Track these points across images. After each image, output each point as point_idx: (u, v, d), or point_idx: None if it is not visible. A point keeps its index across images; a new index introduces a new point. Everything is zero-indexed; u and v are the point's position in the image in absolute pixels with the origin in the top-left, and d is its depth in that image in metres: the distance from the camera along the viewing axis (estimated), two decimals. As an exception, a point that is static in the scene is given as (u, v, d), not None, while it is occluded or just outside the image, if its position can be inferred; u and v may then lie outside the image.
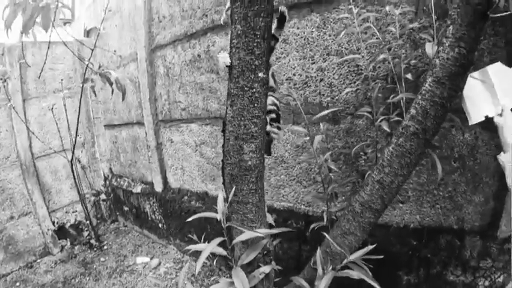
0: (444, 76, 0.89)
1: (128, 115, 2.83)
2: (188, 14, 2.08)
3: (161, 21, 2.29)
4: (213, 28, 1.93)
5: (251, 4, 0.90)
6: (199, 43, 2.02)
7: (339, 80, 1.55)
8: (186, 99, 2.18)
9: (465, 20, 0.88)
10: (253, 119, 0.95)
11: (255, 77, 0.93)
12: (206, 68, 2.01)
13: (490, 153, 1.28)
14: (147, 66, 2.41)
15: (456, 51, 0.88)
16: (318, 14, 1.60)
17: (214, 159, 2.15)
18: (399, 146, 0.96)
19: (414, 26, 1.28)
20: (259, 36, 0.91)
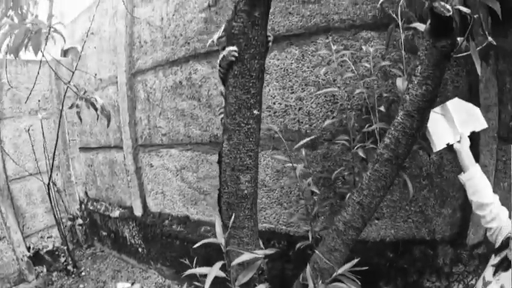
0: (414, 110, 0.99)
1: (105, 138, 2.70)
2: (170, 40, 2.05)
3: (142, 46, 2.24)
4: (195, 56, 1.91)
5: (247, 47, 0.96)
6: (180, 70, 1.99)
7: (316, 109, 1.60)
8: (167, 124, 2.12)
9: (431, 60, 0.97)
10: (249, 152, 1.02)
11: (250, 114, 1.00)
12: (188, 95, 1.97)
13: (454, 170, 1.41)
14: (127, 90, 2.33)
15: (424, 89, 0.98)
16: (297, 47, 1.63)
17: (195, 183, 2.09)
18: (375, 171, 1.05)
19: (387, 64, 1.34)
20: (255, 77, 0.98)
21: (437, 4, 0.94)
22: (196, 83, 1.92)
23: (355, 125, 1.40)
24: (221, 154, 1.05)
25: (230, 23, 0.99)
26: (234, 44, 0.97)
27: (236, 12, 0.97)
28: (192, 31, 1.92)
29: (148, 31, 2.17)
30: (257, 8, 0.96)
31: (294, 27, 1.62)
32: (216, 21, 1.82)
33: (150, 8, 2.17)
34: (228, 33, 0.99)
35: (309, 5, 1.56)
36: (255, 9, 0.96)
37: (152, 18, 2.13)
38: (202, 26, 1.87)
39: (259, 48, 0.98)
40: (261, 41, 0.98)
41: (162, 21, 2.08)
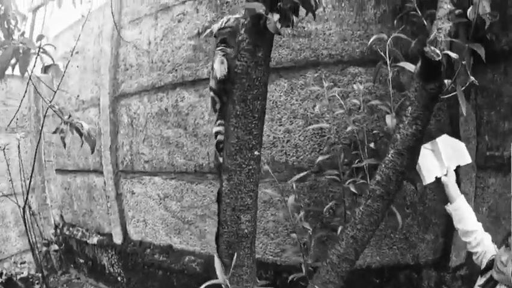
0: (404, 149, 1.03)
1: (84, 162, 2.54)
2: (157, 66, 1.97)
3: (127, 69, 2.14)
4: (183, 83, 1.83)
5: (250, 88, 0.96)
6: (167, 97, 1.90)
7: (304, 142, 1.59)
8: (151, 151, 2.01)
9: (421, 102, 1.01)
10: (249, 193, 1.01)
11: (251, 155, 0.99)
12: (173, 123, 1.88)
13: (436, 198, 1.46)
14: (110, 113, 2.20)
15: (414, 128, 1.02)
16: (287, 80, 1.60)
17: (179, 213, 1.98)
18: (368, 206, 1.08)
19: (377, 103, 1.34)
20: (257, 118, 0.98)
21: (428, 49, 0.99)
22: (182, 111, 1.83)
23: (345, 160, 1.39)
24: (221, 194, 1.03)
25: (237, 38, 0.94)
26: (237, 83, 0.95)
27: (239, 50, 0.95)
28: (180, 58, 1.85)
29: (134, 54, 2.08)
30: (261, 48, 0.95)
31: (283, 60, 1.59)
32: (205, 49, 1.76)
33: (137, 30, 2.09)
34: (232, 71, 0.98)
35: (299, 39, 1.55)
36: (259, 49, 0.95)
37: (139, 42, 2.05)
38: (190, 54, 1.81)
39: (263, 89, 0.97)
40: (264, 82, 0.97)
41: (149, 46, 2.00)
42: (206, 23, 1.75)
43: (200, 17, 1.78)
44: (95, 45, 2.40)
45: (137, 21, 2.09)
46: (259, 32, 0.93)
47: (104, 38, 2.29)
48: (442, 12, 1.18)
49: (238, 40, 0.97)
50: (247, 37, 0.94)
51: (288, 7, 0.95)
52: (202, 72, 1.75)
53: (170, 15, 1.91)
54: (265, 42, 0.96)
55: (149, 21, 2.02)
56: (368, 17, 1.49)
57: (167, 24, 1.92)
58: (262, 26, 0.91)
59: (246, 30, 0.94)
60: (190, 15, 1.82)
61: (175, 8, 1.89)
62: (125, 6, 2.18)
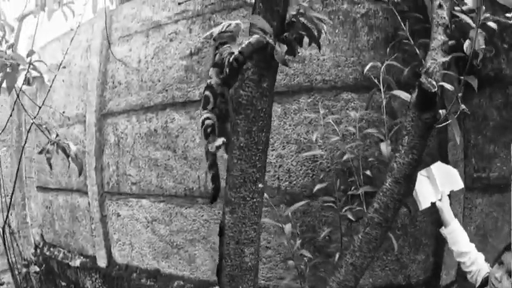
0: (401, 177, 1.05)
1: (67, 180, 2.40)
2: (147, 85, 1.88)
3: (116, 87, 2.05)
4: (173, 104, 1.76)
5: (255, 120, 0.93)
6: (156, 117, 1.82)
7: (296, 167, 1.56)
8: (138, 173, 1.91)
9: (417, 132, 1.04)
10: (253, 225, 0.99)
11: (255, 188, 0.97)
12: (162, 144, 1.80)
13: (426, 220, 1.49)
14: (96, 132, 2.09)
15: (410, 157, 1.04)
16: (280, 105, 1.56)
17: (168, 237, 1.88)
18: (366, 233, 1.08)
19: (373, 132, 1.34)
20: (261, 150, 0.95)
21: (425, 81, 1.01)
22: (172, 133, 1.75)
23: (341, 187, 1.39)
24: (223, 227, 1.01)
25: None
26: (241, 114, 0.93)
27: (244, 80, 0.92)
28: (171, 78, 1.77)
29: (124, 72, 2.00)
30: (266, 78, 0.94)
31: (277, 84, 1.51)
32: (197, 70, 1.70)
33: (127, 47, 2.01)
34: (236, 101, 0.95)
35: (293, 64, 1.51)
36: (264, 79, 0.93)
37: (129, 59, 1.97)
38: (182, 74, 1.74)
39: (267, 121, 0.96)
40: (268, 113, 0.96)
41: (139, 64, 1.92)
42: (199, 43, 1.69)
43: (193, 37, 1.72)
44: (82, 60, 2.30)
45: (128, 38, 2.02)
46: (264, 61, 0.92)
47: (92, 53, 2.20)
48: (436, 43, 1.21)
49: (242, 68, 0.94)
50: (252, 66, 0.92)
51: (294, 37, 0.95)
52: (194, 94, 1.69)
53: (162, 34, 1.85)
54: (270, 72, 0.95)
55: (140, 38, 1.95)
56: (361, 43, 1.51)
57: (158, 42, 1.85)
58: (269, 56, 0.90)
59: (250, 59, 0.91)
60: (183, 34, 1.77)
61: (167, 27, 1.83)
62: (115, 21, 2.11)
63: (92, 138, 2.11)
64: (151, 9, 1.93)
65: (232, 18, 1.61)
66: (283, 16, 0.96)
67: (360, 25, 1.50)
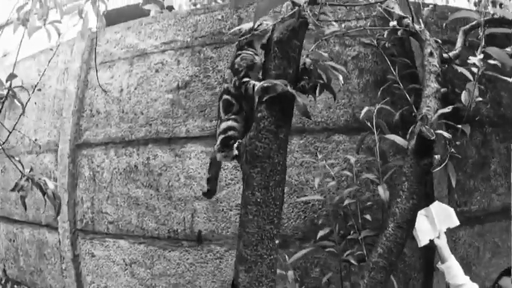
0: (403, 222, 1.07)
1: (35, 213, 2.14)
2: (128, 117, 1.72)
3: (94, 116, 1.87)
4: (157, 140, 1.61)
5: (273, 174, 0.88)
6: (137, 153, 1.65)
7: (288, 209, 1.48)
8: (116, 212, 1.72)
9: (416, 177, 1.08)
10: (270, 283, 0.95)
11: (273, 245, 0.92)
12: (143, 182, 1.63)
13: (415, 255, 1.50)
14: (69, 163, 1.88)
15: (411, 203, 1.08)
16: (272, 146, 1.47)
17: (149, 280, 1.69)
18: (372, 278, 1.08)
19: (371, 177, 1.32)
20: (278, 206, 0.91)
21: (424, 129, 1.06)
22: (154, 171, 1.60)
23: (340, 232, 1.36)
24: (237, 286, 0.94)
25: (256, 127, 0.87)
26: (257, 167, 0.88)
27: (260, 130, 0.87)
28: (155, 111, 1.63)
29: (103, 100, 1.83)
30: (283, 129, 0.90)
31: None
32: (184, 105, 1.57)
33: (109, 74, 1.84)
34: (251, 153, 0.89)
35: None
36: (281, 130, 0.90)
37: (110, 87, 1.80)
38: (167, 108, 1.60)
39: (284, 174, 0.92)
40: (284, 166, 0.92)
41: (121, 93, 1.76)
42: (187, 77, 1.58)
43: (180, 70, 1.60)
44: (58, 83, 2.09)
45: (110, 64, 1.86)
46: (282, 111, 0.88)
47: (70, 76, 2.00)
48: (430, 90, 1.24)
49: (257, 117, 0.89)
50: (269, 115, 0.87)
51: (310, 86, 0.93)
52: (180, 130, 1.56)
53: (147, 63, 1.71)
54: (286, 122, 0.92)
55: (124, 66, 1.80)
56: (352, 86, 1.49)
57: (143, 72, 1.71)
58: (287, 106, 0.87)
59: (266, 107, 0.87)
60: (170, 66, 1.64)
61: (154, 56, 1.70)
62: (98, 45, 1.95)
63: (65, 170, 1.90)
64: (136, 35, 1.79)
65: (224, 53, 1.53)
66: (298, 62, 0.93)
67: (351, 67, 1.49)
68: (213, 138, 1.53)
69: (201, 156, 1.50)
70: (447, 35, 1.63)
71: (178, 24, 1.65)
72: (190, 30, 1.62)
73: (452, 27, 1.65)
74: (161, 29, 1.70)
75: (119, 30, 1.87)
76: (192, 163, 1.52)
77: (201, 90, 1.53)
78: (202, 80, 1.55)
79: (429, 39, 1.39)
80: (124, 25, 1.86)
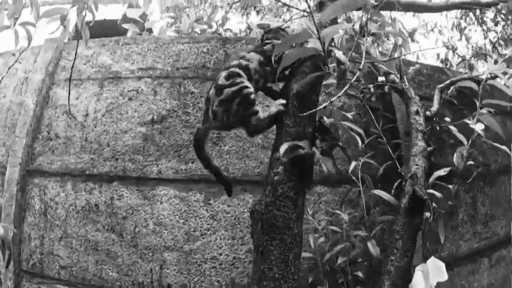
0: (398, 279, 1.06)
1: (-28, 246, 1.78)
2: (92, 147, 1.48)
3: (51, 140, 1.59)
4: (123, 178, 1.38)
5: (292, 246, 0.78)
6: (99, 190, 1.41)
7: None
8: (70, 255, 1.45)
9: (409, 235, 1.09)
10: None
11: None
12: (105, 225, 1.39)
13: None
14: (17, 192, 1.58)
15: (405, 260, 1.08)
16: (252, 195, 1.31)
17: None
18: None
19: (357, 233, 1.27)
20: (296, 280, 0.81)
21: (417, 189, 1.08)
22: (119, 213, 1.37)
23: None
24: None
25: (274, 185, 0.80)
26: (276, 239, 0.79)
27: (277, 196, 0.78)
28: (124, 145, 1.41)
29: (65, 123, 1.56)
30: (301, 195, 0.82)
31: (250, 172, 1.31)
32: (158, 142, 1.37)
33: (75, 94, 1.58)
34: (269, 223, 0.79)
35: (268, 151, 1.30)
36: (300, 196, 0.82)
37: (73, 109, 1.54)
38: (139, 143, 1.39)
39: (300, 246, 0.83)
40: (301, 237, 0.83)
41: (86, 118, 1.51)
42: (164, 110, 1.38)
43: (157, 102, 1.40)
44: (15, 94, 1.77)
45: (77, 83, 1.60)
46: (301, 173, 0.81)
47: (29, 89, 1.69)
48: (417, 149, 1.27)
49: (273, 180, 0.80)
50: (288, 180, 0.79)
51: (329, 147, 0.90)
52: (151, 170, 1.35)
53: (120, 88, 1.49)
54: (305, 187, 0.84)
55: (92, 87, 1.55)
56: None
57: (114, 98, 1.48)
58: (307, 168, 0.81)
59: (285, 169, 0.79)
60: (146, 95, 1.44)
61: (128, 82, 1.48)
62: (65, 58, 1.67)
63: (12, 198, 1.58)
64: (111, 55, 1.56)
65: (206, 89, 1.36)
66: (315, 120, 0.89)
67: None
68: (189, 183, 1.37)
69: (174, 201, 1.31)
70: (422, 91, 1.66)
71: (158, 51, 1.45)
72: (171, 59, 1.43)
73: (427, 84, 1.69)
74: (139, 53, 1.49)
75: (92, 45, 1.62)
76: (163, 208, 1.32)
77: (178, 127, 1.34)
78: (180, 116, 1.36)
79: (414, 97, 1.40)
80: (99, 41, 1.62)
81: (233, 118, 0.83)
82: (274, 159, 0.85)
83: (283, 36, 0.92)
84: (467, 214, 1.77)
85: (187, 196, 1.30)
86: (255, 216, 0.81)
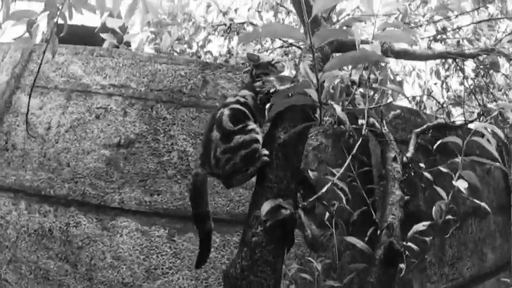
0: None
1: None
2: (51, 165, 1.31)
3: (7, 150, 1.38)
4: (82, 204, 1.24)
5: None
6: (55, 214, 1.26)
7: None
8: (19, 281, 1.29)
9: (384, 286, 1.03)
10: None
11: None
12: (58, 253, 1.25)
13: None
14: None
15: None
16: (219, 235, 1.20)
17: None
18: None
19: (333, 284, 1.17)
20: None
21: (394, 241, 1.06)
22: (74, 242, 1.23)
23: None
24: None
25: None
26: None
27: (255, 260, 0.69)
28: (85, 167, 1.27)
29: (24, 134, 1.39)
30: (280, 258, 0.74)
31: (219, 210, 1.21)
32: (122, 168, 1.24)
33: (39, 103, 1.42)
34: None
35: (239, 189, 1.21)
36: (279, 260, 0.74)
37: (35, 120, 1.39)
38: (101, 167, 1.26)
39: None
40: None
41: (48, 132, 1.36)
42: (132, 134, 1.25)
43: (126, 123, 1.27)
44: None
45: (43, 91, 1.44)
46: (282, 236, 0.73)
47: (-11, 88, 1.53)
48: (394, 198, 1.23)
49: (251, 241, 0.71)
50: (268, 242, 0.71)
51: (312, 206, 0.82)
52: (113, 199, 1.22)
53: (88, 104, 1.34)
54: (284, 249, 0.76)
55: (59, 98, 1.40)
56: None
57: (80, 113, 1.34)
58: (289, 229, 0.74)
59: (266, 232, 0.71)
60: (114, 115, 1.30)
61: (97, 98, 1.34)
62: (34, 61, 1.49)
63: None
64: (83, 65, 1.41)
65: (180, 117, 1.24)
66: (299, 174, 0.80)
67: (311, 158, 1.33)
68: (152, 217, 1.26)
69: (135, 235, 1.19)
70: (398, 134, 1.62)
71: (134, 68, 1.32)
72: (146, 78, 1.30)
73: (403, 127, 1.65)
74: (113, 67, 1.35)
75: (64, 52, 1.46)
76: (122, 241, 1.19)
77: (145, 155, 1.22)
78: (149, 143, 1.24)
79: (393, 142, 1.34)
80: (72, 49, 1.46)
81: (230, 169, 0.74)
82: (254, 217, 0.74)
83: (273, 72, 0.87)
84: (435, 256, 1.76)
85: (149, 230, 1.18)
86: (229, 280, 0.71)
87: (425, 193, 1.61)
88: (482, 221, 1.93)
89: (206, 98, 1.24)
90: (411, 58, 1.38)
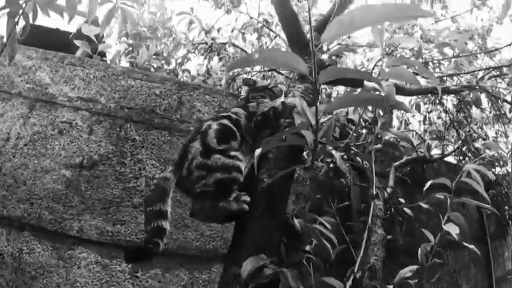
0: None
1: None
2: (6, 182, 1.13)
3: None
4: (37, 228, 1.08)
5: None
6: (7, 237, 1.08)
7: None
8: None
9: None
10: None
11: None
12: (9, 282, 1.06)
13: None
14: None
15: None
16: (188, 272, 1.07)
17: None
18: None
19: None
20: None
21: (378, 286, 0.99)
22: (27, 270, 1.08)
23: None
24: None
25: None
26: None
27: None
28: (43, 188, 1.12)
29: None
30: None
31: (188, 246, 1.09)
32: (83, 192, 1.10)
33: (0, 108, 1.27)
34: None
35: (211, 225, 1.09)
36: None
37: (-7, 129, 1.23)
38: (60, 190, 1.11)
39: None
40: None
41: (6, 144, 1.20)
42: (96, 155, 1.11)
43: (91, 142, 1.13)
44: None
45: (5, 96, 1.27)
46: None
47: None
48: (377, 237, 1.17)
49: None
50: None
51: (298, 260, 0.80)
52: (71, 226, 1.08)
53: (51, 116, 1.19)
54: None
55: (21, 107, 1.24)
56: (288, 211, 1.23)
57: (43, 126, 1.18)
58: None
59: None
60: (79, 132, 1.15)
61: (62, 111, 1.18)
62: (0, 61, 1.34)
63: None
64: (51, 73, 1.25)
65: (150, 140, 1.11)
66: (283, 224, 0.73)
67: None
68: (114, 249, 1.12)
69: (94, 268, 1.06)
70: (377, 166, 1.55)
71: (106, 81, 1.17)
72: (118, 94, 1.16)
73: (381, 160, 1.57)
74: (83, 79, 1.20)
75: (34, 56, 1.29)
76: (80, 274, 1.06)
77: (109, 179, 1.09)
78: (114, 166, 1.10)
79: (374, 177, 1.25)
80: (42, 53, 1.29)
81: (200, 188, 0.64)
82: (230, 275, 0.64)
83: (269, 95, 0.83)
84: (413, 291, 1.70)
85: (110, 264, 1.05)
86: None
87: (403, 227, 1.57)
88: (457, 252, 1.89)
89: (180, 120, 1.11)
90: (406, 94, 1.28)
